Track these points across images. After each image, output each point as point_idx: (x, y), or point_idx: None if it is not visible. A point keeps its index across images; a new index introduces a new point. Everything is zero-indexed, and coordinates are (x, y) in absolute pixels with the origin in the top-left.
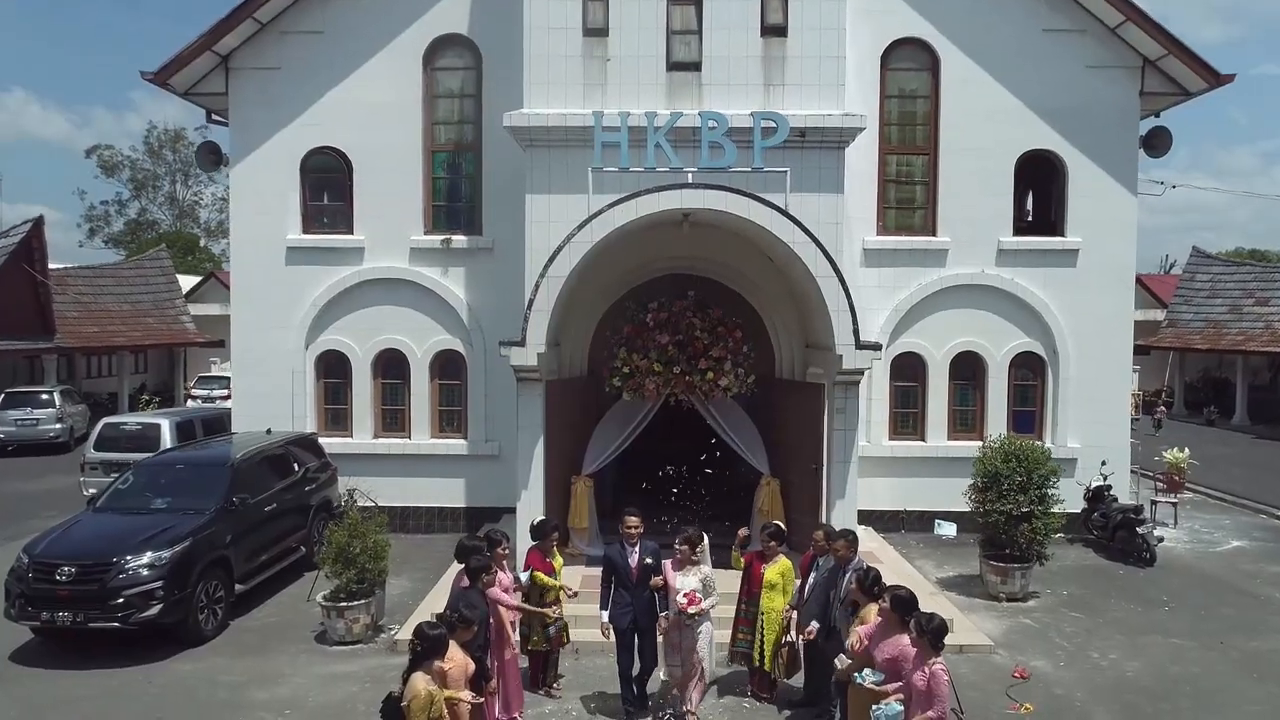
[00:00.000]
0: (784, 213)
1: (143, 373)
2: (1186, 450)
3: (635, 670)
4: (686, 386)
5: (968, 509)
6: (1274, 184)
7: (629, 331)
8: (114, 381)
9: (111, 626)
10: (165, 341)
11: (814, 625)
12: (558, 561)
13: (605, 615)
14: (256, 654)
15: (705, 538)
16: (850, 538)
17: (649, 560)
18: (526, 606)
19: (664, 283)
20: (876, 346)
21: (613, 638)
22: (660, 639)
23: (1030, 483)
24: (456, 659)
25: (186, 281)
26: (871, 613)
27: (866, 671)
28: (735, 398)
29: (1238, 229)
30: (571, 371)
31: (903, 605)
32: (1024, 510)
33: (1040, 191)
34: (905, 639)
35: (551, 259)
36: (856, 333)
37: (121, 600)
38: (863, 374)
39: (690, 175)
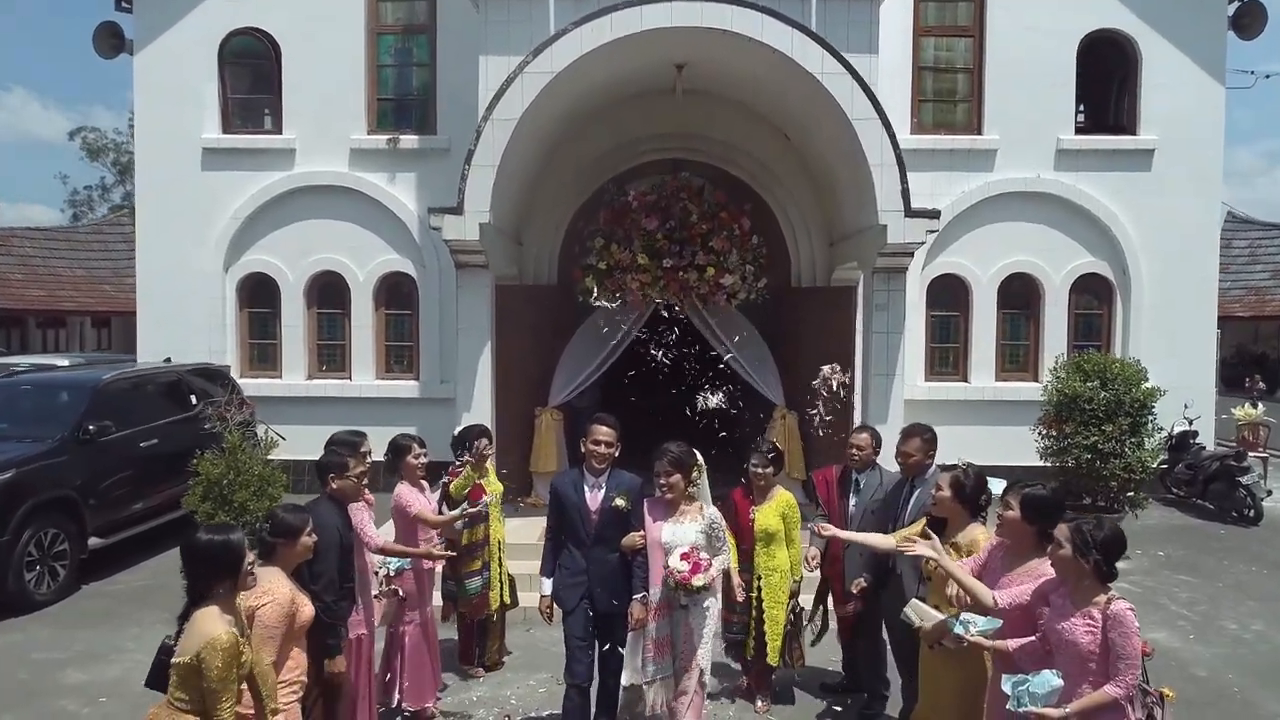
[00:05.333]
0: (808, 31)
1: (106, 348)
2: (1261, 406)
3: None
4: (680, 288)
5: (1020, 463)
6: (1275, 185)
7: (606, 217)
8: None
9: None
10: (123, 310)
11: (862, 579)
12: (492, 484)
13: (547, 585)
14: (99, 625)
15: (699, 458)
16: (928, 435)
17: (619, 501)
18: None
19: (652, 169)
20: (934, 214)
21: (560, 621)
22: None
23: (1122, 408)
24: (278, 592)
25: None
26: (978, 538)
27: (968, 617)
28: (741, 309)
29: None
30: (537, 278)
31: (1041, 509)
32: (1114, 444)
33: (1107, 82)
34: (1045, 566)
35: (499, 95)
36: (906, 193)
37: None
38: (912, 255)
39: None
